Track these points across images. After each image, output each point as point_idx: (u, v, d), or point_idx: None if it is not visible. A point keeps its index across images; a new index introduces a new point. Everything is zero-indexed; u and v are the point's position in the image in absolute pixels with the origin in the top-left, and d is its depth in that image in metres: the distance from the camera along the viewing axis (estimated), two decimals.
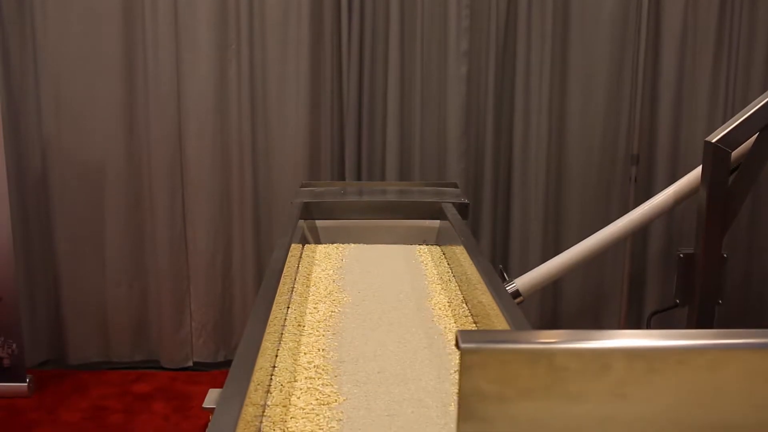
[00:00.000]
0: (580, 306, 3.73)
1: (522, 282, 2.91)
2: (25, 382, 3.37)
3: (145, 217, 3.61)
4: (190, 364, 3.72)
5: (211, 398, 1.18)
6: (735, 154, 2.49)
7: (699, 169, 2.64)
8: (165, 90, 3.48)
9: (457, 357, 1.51)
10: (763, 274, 3.65)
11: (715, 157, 2.48)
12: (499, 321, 1.44)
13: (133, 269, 3.65)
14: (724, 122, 2.80)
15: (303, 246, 2.35)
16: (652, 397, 0.87)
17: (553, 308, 3.74)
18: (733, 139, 2.47)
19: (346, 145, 3.55)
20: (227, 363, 1.01)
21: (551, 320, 3.71)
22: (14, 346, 3.35)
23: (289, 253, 1.89)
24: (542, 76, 3.51)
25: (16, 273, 3.36)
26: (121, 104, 3.52)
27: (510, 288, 2.86)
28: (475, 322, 1.72)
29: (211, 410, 1.06)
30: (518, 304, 2.59)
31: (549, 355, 0.85)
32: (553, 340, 0.88)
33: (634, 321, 3.68)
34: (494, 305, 1.49)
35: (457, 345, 0.84)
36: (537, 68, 3.51)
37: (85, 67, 3.48)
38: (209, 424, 1.02)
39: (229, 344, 3.72)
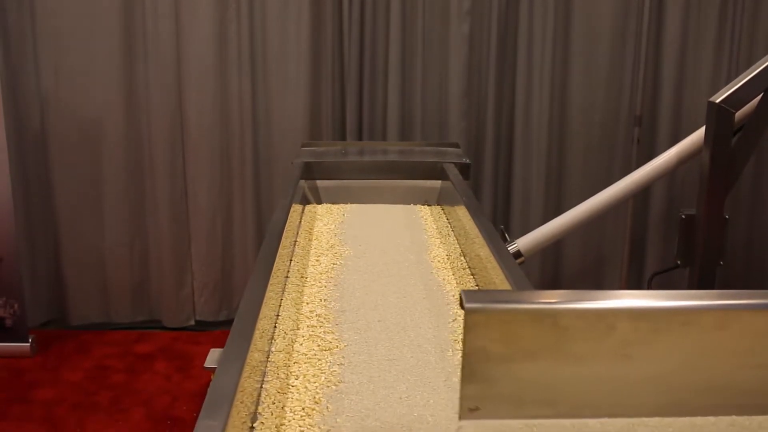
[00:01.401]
0: (581, 267, 3.69)
1: (523, 242, 2.88)
2: (27, 342, 3.35)
3: (145, 177, 3.57)
4: (192, 323, 3.70)
5: (213, 358, 1.18)
6: (739, 114, 2.46)
7: (702, 129, 2.60)
8: (164, 48, 3.42)
9: (456, 307, 1.52)
10: (764, 236, 3.61)
11: (719, 118, 2.44)
12: (500, 281, 1.44)
13: (134, 229, 3.62)
14: (728, 82, 2.73)
15: (304, 206, 2.33)
16: (656, 358, 0.86)
17: (553, 269, 3.71)
18: (737, 99, 2.44)
19: (347, 105, 3.49)
20: (229, 322, 1.01)
21: (552, 281, 3.69)
22: (16, 306, 3.32)
23: (290, 213, 1.89)
24: (545, 35, 3.44)
25: (17, 233, 3.32)
26: (120, 62, 3.46)
27: (511, 248, 2.83)
28: (473, 274, 1.73)
29: (212, 370, 1.05)
30: (519, 264, 2.56)
31: (553, 316, 0.85)
32: (557, 300, 0.87)
33: (635, 282, 3.66)
34: (496, 266, 1.48)
35: (461, 305, 0.82)
36: (540, 28, 3.44)
37: (84, 26, 3.41)
38: (210, 383, 1.01)
39: (230, 304, 3.70)
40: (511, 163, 3.58)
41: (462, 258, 1.84)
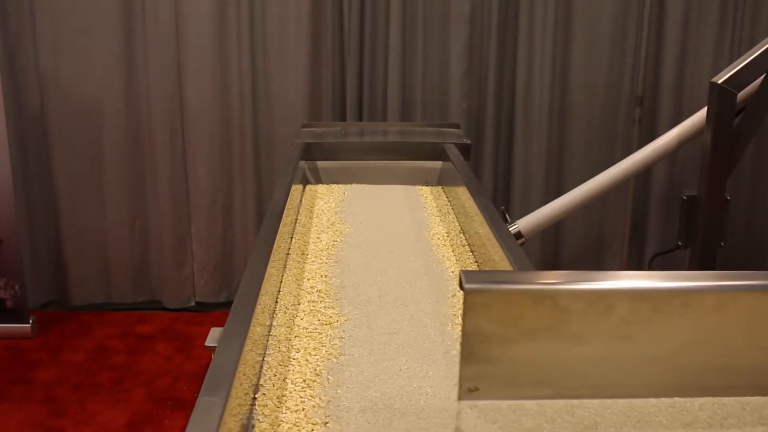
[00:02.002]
0: (582, 248, 3.72)
1: (524, 223, 2.90)
2: (28, 323, 3.38)
3: (144, 157, 3.58)
4: (192, 304, 3.74)
5: (213, 337, 1.18)
6: (741, 95, 2.48)
7: (704, 110, 2.62)
8: (164, 28, 3.43)
9: (455, 283, 1.54)
10: (765, 218, 3.64)
11: (721, 99, 2.46)
12: (502, 262, 1.45)
13: (134, 209, 3.65)
14: (730, 63, 2.75)
15: (304, 186, 2.35)
16: (656, 339, 0.87)
17: (554, 250, 3.73)
18: (739, 80, 2.45)
19: (348, 85, 3.50)
20: (228, 304, 1.03)
21: (552, 262, 3.71)
22: (17, 287, 3.35)
23: (291, 193, 1.91)
24: (546, 15, 3.45)
25: (17, 214, 3.34)
26: (119, 41, 3.47)
27: (512, 229, 2.84)
28: (472, 252, 1.75)
29: (213, 349, 1.06)
30: (520, 245, 2.59)
31: (552, 296, 0.85)
32: (556, 280, 0.88)
33: (635, 263, 3.69)
34: (497, 246, 1.49)
35: (460, 285, 0.83)
36: (541, 7, 3.45)
37: (83, 5, 3.42)
38: (214, 355, 1.03)
39: (230, 285, 3.73)
40: (512, 143, 3.59)
41: (461, 236, 1.86)
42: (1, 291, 3.35)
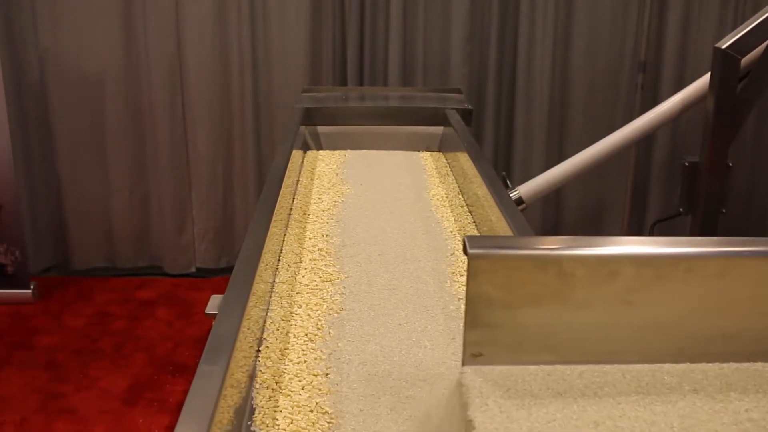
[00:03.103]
0: (582, 214, 3.76)
1: (525, 189, 2.93)
2: (29, 288, 3.43)
3: (144, 123, 3.61)
4: (193, 270, 3.79)
5: (214, 304, 1.21)
6: (745, 60, 2.49)
7: (707, 76, 2.63)
8: None
9: (454, 242, 1.58)
10: (767, 184, 3.66)
11: (725, 64, 2.47)
12: (503, 228, 1.49)
13: (135, 175, 3.69)
14: (734, 28, 2.76)
15: (305, 152, 2.38)
16: (659, 304, 0.88)
17: (554, 216, 3.77)
18: (743, 45, 2.46)
19: (348, 50, 3.52)
20: (229, 269, 1.07)
21: (553, 228, 3.75)
22: (17, 253, 3.39)
23: (291, 158, 1.94)
24: None
25: (17, 180, 3.38)
26: (118, 10, 3.48)
27: (513, 195, 2.88)
28: (470, 212, 1.79)
29: (213, 316, 1.08)
30: (521, 211, 2.62)
31: (556, 262, 0.86)
32: (560, 246, 0.88)
33: (636, 230, 3.72)
34: (499, 213, 1.52)
35: (464, 251, 0.83)
36: None
37: None
38: (212, 327, 1.05)
39: (231, 250, 3.78)
40: (513, 109, 3.62)
41: (460, 197, 1.90)
42: (1, 257, 3.39)
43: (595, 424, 0.78)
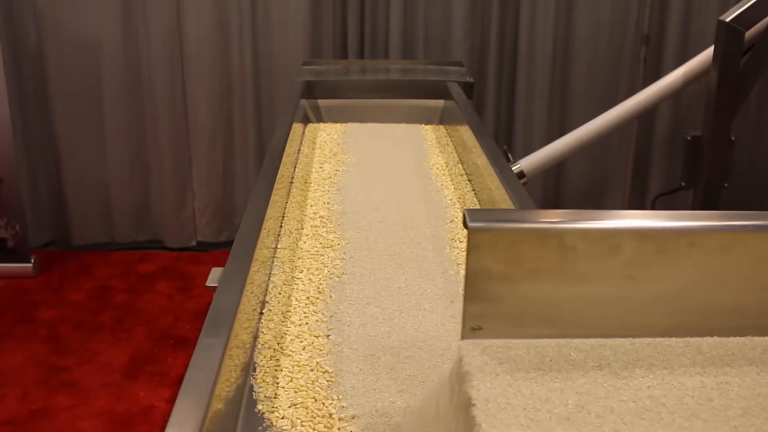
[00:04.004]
0: (584, 188, 3.78)
1: (526, 163, 2.95)
2: (30, 262, 3.46)
3: (144, 96, 3.63)
4: (194, 244, 3.82)
5: (214, 277, 1.23)
6: (749, 34, 2.50)
7: (710, 49, 2.65)
8: None
9: (453, 210, 1.61)
10: None
11: (728, 37, 2.49)
12: (502, 196, 1.51)
13: (134, 148, 3.71)
14: (738, 1, 2.78)
15: (305, 125, 2.40)
16: (661, 279, 0.88)
17: (555, 190, 3.80)
18: (747, 18, 2.48)
19: (349, 22, 3.53)
20: (230, 243, 1.08)
21: (553, 202, 3.79)
22: (17, 227, 3.42)
23: (291, 132, 1.96)
24: None
25: (16, 153, 3.41)
26: None
27: (514, 169, 2.90)
28: (470, 180, 1.82)
29: (213, 289, 1.11)
30: (522, 185, 2.65)
31: (558, 235, 0.86)
32: (561, 219, 0.88)
33: (638, 204, 3.75)
34: (498, 182, 1.55)
35: (464, 224, 0.84)
36: None
37: None
38: (212, 301, 1.07)
39: (231, 224, 3.82)
40: (515, 82, 3.63)
41: (460, 166, 1.94)
42: (2, 231, 3.42)
43: (594, 398, 0.79)
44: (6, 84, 3.30)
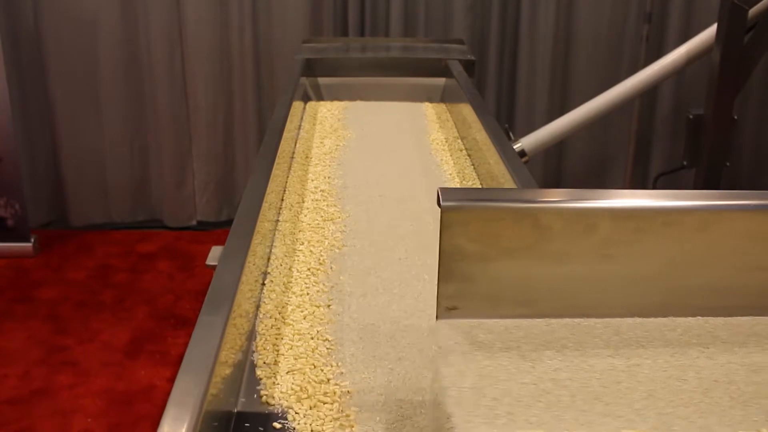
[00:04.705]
0: (585, 167, 3.80)
1: (527, 141, 2.97)
2: (29, 241, 3.49)
3: (143, 74, 3.64)
4: (194, 223, 3.85)
5: (214, 255, 1.23)
6: (752, 12, 2.51)
7: (713, 27, 2.65)
8: None
9: (453, 184, 1.64)
10: None
11: (732, 15, 2.49)
12: (501, 171, 1.54)
13: (133, 128, 3.72)
14: None
15: (305, 103, 2.42)
16: (637, 258, 0.89)
17: (556, 169, 3.82)
18: None
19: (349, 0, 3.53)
20: (230, 222, 1.09)
21: (555, 181, 3.81)
22: (17, 206, 3.44)
23: (291, 110, 1.98)
24: None
25: (15, 132, 3.42)
26: None
27: (515, 147, 2.92)
28: (469, 155, 1.85)
29: (213, 267, 1.12)
30: (524, 164, 2.67)
31: (532, 214, 0.86)
32: (536, 198, 0.90)
33: (640, 183, 3.77)
34: (501, 164, 1.56)
35: (438, 203, 0.84)
36: None
37: None
38: (212, 279, 1.08)
39: (231, 203, 3.84)
40: (516, 60, 3.64)
41: (459, 141, 1.96)
42: (1, 210, 3.44)
43: (495, 380, 0.79)
44: (4, 63, 3.30)
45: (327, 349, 1.08)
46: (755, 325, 0.90)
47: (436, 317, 0.88)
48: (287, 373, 1.03)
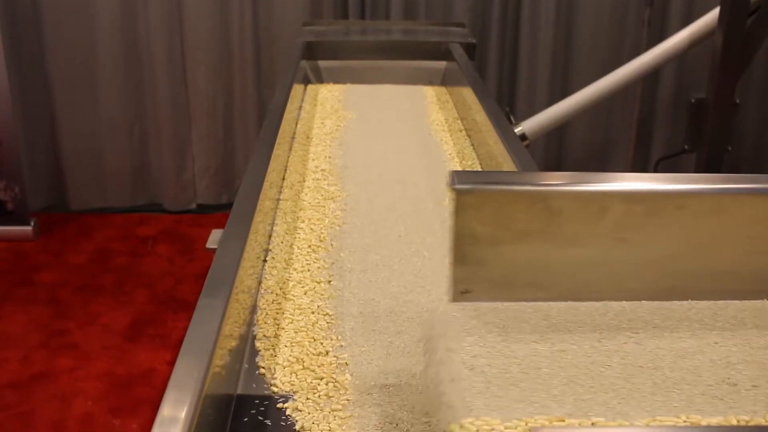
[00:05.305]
0: (587, 151, 3.82)
1: (528, 125, 2.98)
2: (29, 225, 3.51)
3: (143, 58, 3.66)
4: (194, 207, 3.87)
5: (214, 238, 1.24)
6: None
7: (716, 10, 2.66)
8: None
9: (453, 164, 1.65)
10: None
11: None
12: (500, 152, 1.55)
13: (133, 112, 3.74)
14: None
15: (306, 86, 2.43)
16: (649, 242, 0.89)
17: (557, 153, 3.84)
18: None
19: None
20: (230, 205, 1.09)
21: (556, 165, 3.83)
22: (17, 189, 3.46)
23: (292, 93, 2.00)
24: None
25: (15, 116, 3.44)
26: None
27: (516, 131, 2.93)
28: (468, 135, 1.86)
29: (213, 251, 1.12)
30: (525, 147, 2.68)
31: (545, 198, 0.87)
32: (549, 181, 0.89)
33: (641, 167, 3.78)
34: (500, 145, 1.58)
35: (451, 186, 0.85)
36: None
37: None
38: (212, 262, 1.09)
39: (231, 187, 3.87)
40: (518, 43, 3.65)
41: (459, 122, 1.99)
42: (1, 193, 3.46)
43: (578, 360, 0.80)
44: (3, 47, 3.32)
45: (327, 323, 1.11)
46: (689, 309, 0.90)
47: (450, 300, 0.89)
48: (286, 345, 1.06)
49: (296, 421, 0.92)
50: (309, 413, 0.93)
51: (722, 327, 0.87)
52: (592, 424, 0.71)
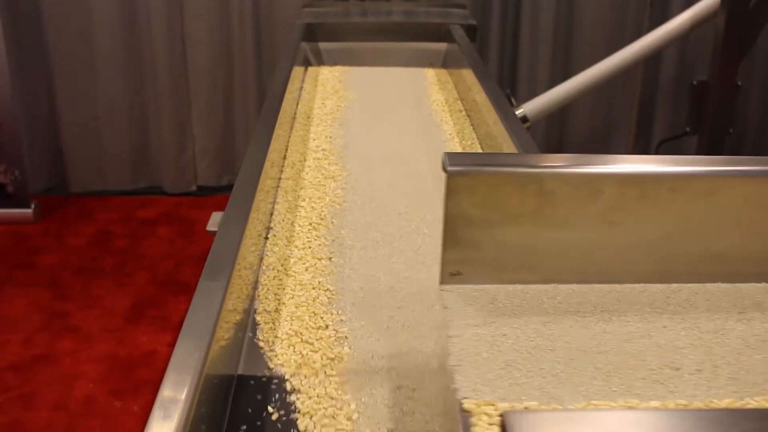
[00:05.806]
0: (588, 133, 3.83)
1: (530, 107, 2.99)
2: (30, 208, 3.53)
3: (142, 40, 3.67)
4: (194, 189, 3.89)
5: (215, 221, 1.25)
6: None
7: None
8: None
9: (452, 144, 1.67)
10: None
11: None
12: (502, 136, 1.56)
13: (132, 93, 3.75)
14: None
15: (306, 68, 2.44)
16: (642, 224, 0.89)
17: (559, 135, 3.85)
18: None
19: None
20: (230, 187, 1.10)
21: (557, 147, 3.84)
22: (17, 172, 3.48)
23: (292, 74, 2.01)
24: None
25: (14, 98, 3.45)
26: None
27: (517, 113, 2.94)
28: (468, 116, 1.88)
29: (214, 233, 1.13)
30: (526, 129, 2.69)
31: (537, 180, 0.87)
32: (541, 163, 0.90)
33: (643, 149, 3.80)
34: (500, 125, 1.59)
35: (443, 168, 0.85)
36: None
37: None
38: (212, 244, 1.10)
39: (232, 168, 3.88)
40: (519, 25, 3.66)
41: (459, 102, 2.01)
42: (1, 176, 3.48)
43: (519, 344, 0.80)
44: (2, 29, 3.32)
45: (328, 298, 1.13)
46: (641, 292, 0.90)
47: (440, 282, 0.90)
48: (286, 319, 1.08)
49: (296, 398, 0.94)
50: (308, 386, 0.95)
51: (673, 311, 0.87)
52: (525, 408, 0.70)
